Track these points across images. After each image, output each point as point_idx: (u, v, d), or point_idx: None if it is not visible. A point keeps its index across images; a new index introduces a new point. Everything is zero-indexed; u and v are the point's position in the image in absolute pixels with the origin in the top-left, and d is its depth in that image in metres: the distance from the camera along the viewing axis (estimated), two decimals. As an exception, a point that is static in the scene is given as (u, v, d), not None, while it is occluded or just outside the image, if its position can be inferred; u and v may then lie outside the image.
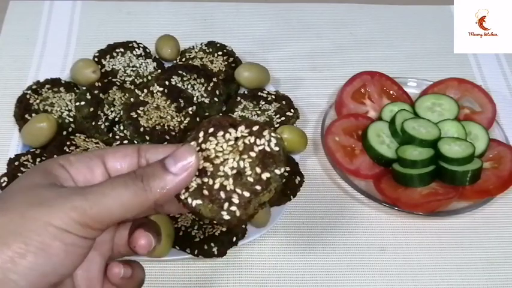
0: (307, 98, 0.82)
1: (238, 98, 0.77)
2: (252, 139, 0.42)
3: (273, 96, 0.78)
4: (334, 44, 0.92)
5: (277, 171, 0.41)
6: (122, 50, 0.81)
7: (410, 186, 0.70)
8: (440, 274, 0.67)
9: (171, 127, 0.72)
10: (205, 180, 0.41)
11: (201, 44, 0.83)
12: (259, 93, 0.78)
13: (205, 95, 0.77)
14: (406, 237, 0.70)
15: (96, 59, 0.80)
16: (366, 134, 0.74)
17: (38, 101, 0.74)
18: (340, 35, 0.93)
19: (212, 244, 0.63)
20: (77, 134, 0.72)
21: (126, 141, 0.73)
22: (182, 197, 0.41)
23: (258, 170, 0.41)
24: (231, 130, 0.43)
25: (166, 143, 0.71)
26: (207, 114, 0.76)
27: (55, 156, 0.67)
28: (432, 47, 0.92)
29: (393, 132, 0.74)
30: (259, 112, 0.76)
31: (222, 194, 0.40)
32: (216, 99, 0.77)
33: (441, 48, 0.91)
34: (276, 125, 0.74)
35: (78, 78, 0.77)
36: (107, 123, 0.73)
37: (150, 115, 0.72)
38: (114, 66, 0.80)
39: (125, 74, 0.79)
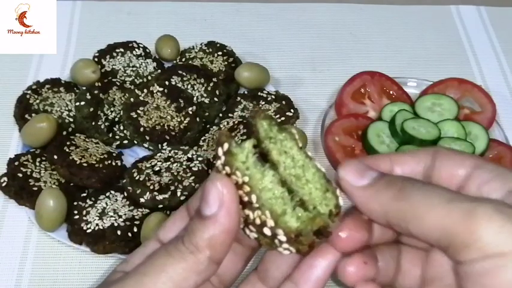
0: (307, 98, 0.82)
1: (238, 98, 0.77)
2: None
3: (273, 96, 0.78)
4: (334, 44, 0.92)
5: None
6: (122, 50, 0.81)
7: (410, 186, 0.70)
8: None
9: (171, 127, 0.72)
10: (247, 212, 0.33)
11: (201, 44, 0.83)
12: (259, 93, 0.78)
13: (205, 95, 0.77)
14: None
15: (96, 59, 0.80)
16: (365, 134, 0.74)
17: (38, 101, 0.74)
18: (340, 35, 0.93)
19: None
20: (77, 134, 0.72)
21: (126, 141, 0.73)
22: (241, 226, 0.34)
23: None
24: None
25: (166, 143, 0.71)
26: (207, 114, 0.76)
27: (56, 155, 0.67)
28: (432, 47, 0.92)
29: (393, 132, 0.74)
30: (259, 112, 0.76)
31: (267, 231, 0.33)
32: (216, 99, 0.77)
33: (441, 48, 0.91)
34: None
35: (78, 78, 0.77)
36: (107, 123, 0.73)
37: (150, 115, 0.73)
38: (114, 66, 0.80)
39: (125, 74, 0.79)
